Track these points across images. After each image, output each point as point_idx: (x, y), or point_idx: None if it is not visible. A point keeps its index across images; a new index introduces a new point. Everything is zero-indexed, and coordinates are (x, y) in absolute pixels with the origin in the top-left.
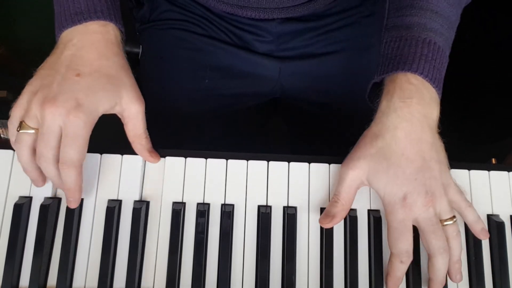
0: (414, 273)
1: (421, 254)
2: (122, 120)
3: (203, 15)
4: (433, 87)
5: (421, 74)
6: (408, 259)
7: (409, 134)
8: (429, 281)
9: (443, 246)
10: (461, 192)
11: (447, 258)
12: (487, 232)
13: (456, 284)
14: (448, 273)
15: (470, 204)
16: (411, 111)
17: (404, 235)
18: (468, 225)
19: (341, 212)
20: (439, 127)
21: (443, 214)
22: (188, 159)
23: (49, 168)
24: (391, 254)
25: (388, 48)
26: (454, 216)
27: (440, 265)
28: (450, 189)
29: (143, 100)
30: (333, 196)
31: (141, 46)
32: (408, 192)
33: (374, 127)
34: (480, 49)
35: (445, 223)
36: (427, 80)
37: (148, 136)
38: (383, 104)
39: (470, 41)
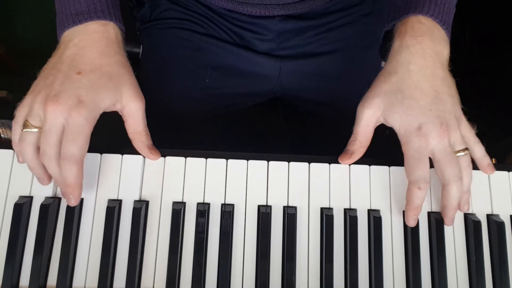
0: (414, 273)
1: (420, 255)
2: (123, 117)
3: (204, 13)
4: (443, 29)
5: (431, 16)
6: (425, 185)
7: (422, 69)
8: (442, 208)
9: (458, 174)
10: (471, 128)
11: (461, 186)
12: (493, 168)
13: (456, 283)
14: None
15: (478, 141)
16: (423, 47)
17: (421, 162)
18: (476, 161)
19: (359, 149)
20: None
21: (456, 145)
22: (188, 159)
23: (52, 166)
24: (409, 183)
25: None
26: (466, 148)
27: (454, 192)
28: (462, 123)
29: (143, 97)
30: (352, 136)
31: (141, 45)
32: (423, 122)
33: (387, 66)
34: (480, 50)
35: (458, 154)
36: (437, 22)
37: (149, 133)
38: (396, 44)
39: (471, 41)
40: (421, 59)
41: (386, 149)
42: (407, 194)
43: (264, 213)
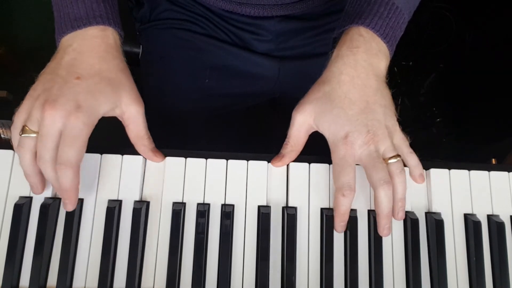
0: (414, 273)
1: (420, 255)
2: (123, 122)
3: (203, 14)
4: (384, 42)
5: (372, 28)
6: (350, 192)
7: (353, 79)
8: (376, 216)
9: (383, 178)
10: (405, 139)
11: (390, 191)
12: (424, 178)
13: (456, 283)
14: (392, 211)
15: (412, 151)
16: (356, 59)
17: (345, 170)
18: (409, 170)
19: (290, 153)
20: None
21: (386, 153)
22: (188, 159)
23: (47, 170)
24: (335, 190)
25: (350, 6)
26: (398, 155)
27: (382, 197)
28: (395, 134)
29: (142, 101)
30: (285, 139)
31: (141, 46)
32: (349, 131)
33: (323, 74)
34: (480, 50)
35: (389, 161)
36: (377, 35)
37: (150, 137)
38: (333, 54)
39: (470, 42)
40: (353, 70)
41: None
42: (334, 201)
43: (264, 213)
